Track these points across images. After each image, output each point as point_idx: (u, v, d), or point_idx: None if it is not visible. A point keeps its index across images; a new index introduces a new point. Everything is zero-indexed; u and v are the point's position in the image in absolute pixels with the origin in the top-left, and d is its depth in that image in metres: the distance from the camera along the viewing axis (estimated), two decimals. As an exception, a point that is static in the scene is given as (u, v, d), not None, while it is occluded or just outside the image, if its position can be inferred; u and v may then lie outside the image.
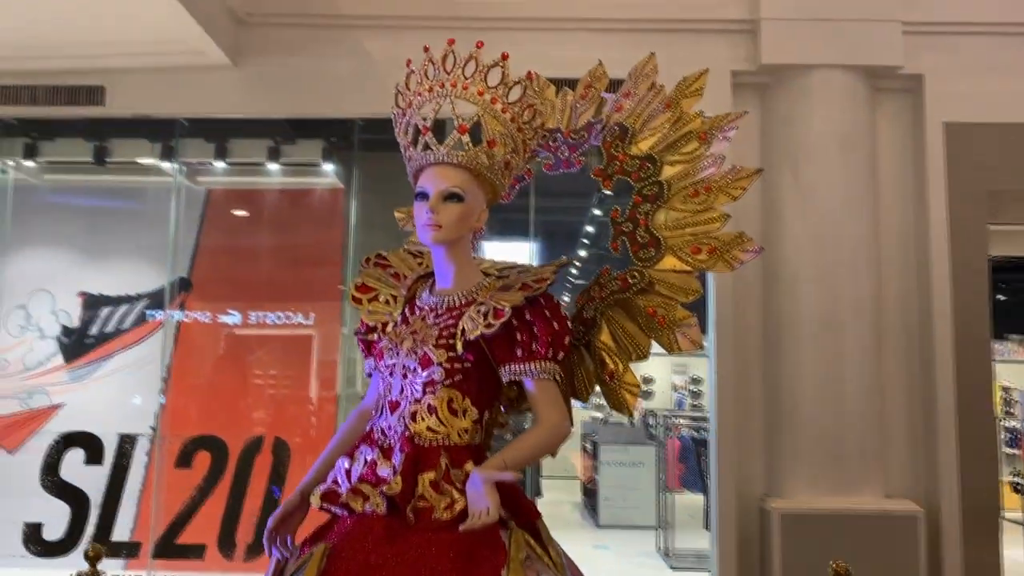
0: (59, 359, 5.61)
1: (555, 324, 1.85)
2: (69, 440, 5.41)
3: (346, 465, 1.84)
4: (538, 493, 8.84)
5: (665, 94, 2.10)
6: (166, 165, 5.31)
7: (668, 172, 2.05)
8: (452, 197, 1.85)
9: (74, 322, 5.63)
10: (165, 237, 5.46)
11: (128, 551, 5.31)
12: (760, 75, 4.78)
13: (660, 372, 15.41)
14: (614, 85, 2.18)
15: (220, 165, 5.38)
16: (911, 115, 4.83)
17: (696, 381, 13.40)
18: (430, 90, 1.88)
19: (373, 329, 2.00)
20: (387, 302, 2.01)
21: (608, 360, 2.00)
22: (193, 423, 5.43)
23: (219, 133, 5.17)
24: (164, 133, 5.13)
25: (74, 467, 5.38)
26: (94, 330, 5.63)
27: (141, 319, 5.64)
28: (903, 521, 4.36)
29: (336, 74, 4.66)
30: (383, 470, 1.78)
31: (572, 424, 1.89)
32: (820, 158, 4.63)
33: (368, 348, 2.02)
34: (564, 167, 2.18)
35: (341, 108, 4.80)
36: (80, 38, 4.54)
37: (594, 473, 9.17)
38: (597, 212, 7.84)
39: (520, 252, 5.49)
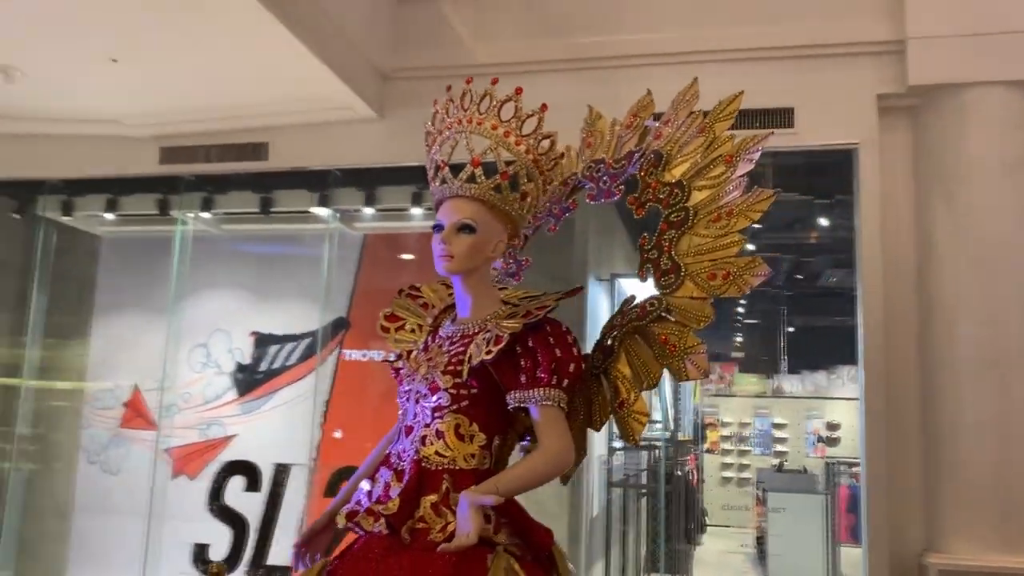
0: (233, 393, 6.11)
1: (558, 351, 1.84)
2: (232, 468, 5.86)
3: (367, 487, 1.93)
4: (696, 542, 8.54)
5: (702, 120, 2.04)
6: (323, 212, 5.69)
7: (696, 198, 2.00)
8: (464, 228, 1.93)
9: (246, 359, 6.13)
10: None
11: (282, 575, 5.65)
12: (909, 97, 4.48)
13: (848, 419, 14.49)
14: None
15: (369, 211, 5.69)
16: (1090, 131, 4.36)
17: (887, 428, 12.51)
18: (449, 127, 1.96)
19: (401, 357, 2.08)
20: (413, 331, 2.09)
21: (622, 388, 1.95)
22: (343, 454, 5.70)
23: (368, 181, 5.49)
24: (320, 183, 5.51)
25: (236, 494, 5.82)
26: (263, 366, 6.09)
27: (305, 356, 6.03)
28: (1089, 586, 3.86)
29: (472, 121, 4.84)
30: (395, 491, 1.84)
31: (585, 453, 1.86)
32: (981, 182, 4.27)
33: (399, 375, 2.10)
34: (606, 197, 2.16)
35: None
36: (245, 100, 5.02)
37: (763, 522, 8.80)
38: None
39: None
